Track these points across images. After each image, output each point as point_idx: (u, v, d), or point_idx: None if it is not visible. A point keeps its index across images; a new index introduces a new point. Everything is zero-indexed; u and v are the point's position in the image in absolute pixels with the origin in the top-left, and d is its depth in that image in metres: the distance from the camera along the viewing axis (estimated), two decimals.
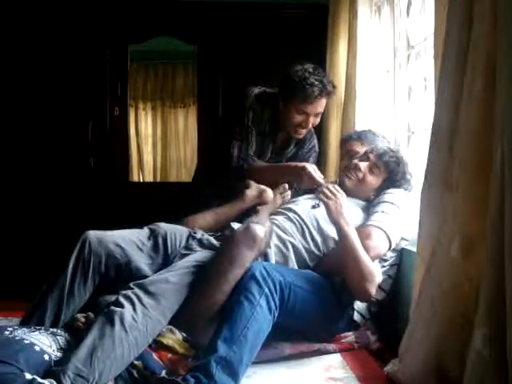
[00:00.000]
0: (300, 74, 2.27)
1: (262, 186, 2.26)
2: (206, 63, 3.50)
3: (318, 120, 2.39)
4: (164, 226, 2.05)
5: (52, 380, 1.36)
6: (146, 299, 1.62)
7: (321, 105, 2.32)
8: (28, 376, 1.35)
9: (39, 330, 1.63)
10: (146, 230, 2.04)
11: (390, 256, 2.08)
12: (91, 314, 1.74)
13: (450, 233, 1.36)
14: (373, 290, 1.88)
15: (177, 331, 1.67)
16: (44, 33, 3.34)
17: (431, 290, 1.44)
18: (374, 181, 2.16)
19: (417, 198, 1.69)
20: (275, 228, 2.03)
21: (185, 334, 1.69)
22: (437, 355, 1.38)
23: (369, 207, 2.13)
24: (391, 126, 2.63)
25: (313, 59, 2.38)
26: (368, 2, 2.62)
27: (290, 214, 2.09)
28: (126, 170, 3.59)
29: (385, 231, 1.97)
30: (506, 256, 1.08)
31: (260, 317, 1.66)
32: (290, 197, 2.31)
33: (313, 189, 2.14)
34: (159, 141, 4.22)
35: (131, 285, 1.67)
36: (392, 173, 2.15)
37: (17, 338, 1.50)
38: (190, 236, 2.06)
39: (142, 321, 1.58)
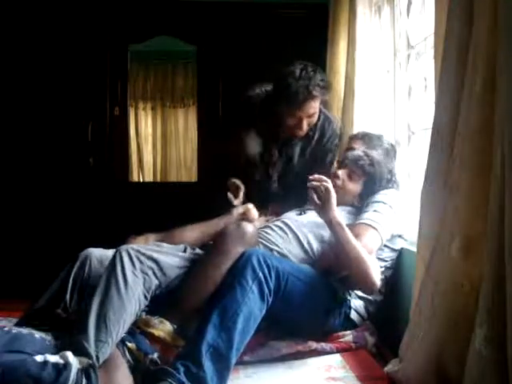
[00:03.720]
0: (284, 81, 2.21)
1: (249, 205, 2.27)
2: (206, 63, 3.50)
3: (313, 119, 2.32)
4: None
5: (64, 353, 1.40)
6: (141, 257, 1.71)
7: (311, 107, 2.25)
8: (39, 358, 1.35)
9: (22, 328, 1.62)
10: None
11: (389, 256, 2.08)
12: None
13: (449, 233, 1.36)
14: (377, 281, 1.87)
15: (168, 323, 1.70)
16: (44, 33, 3.34)
17: (431, 290, 1.44)
18: (354, 186, 2.17)
19: (417, 197, 1.69)
20: (260, 240, 2.02)
21: (176, 326, 1.71)
22: (437, 355, 1.38)
23: (360, 209, 2.12)
24: (391, 126, 2.63)
25: (313, 59, 2.37)
26: (368, 2, 2.61)
27: (275, 224, 2.10)
28: (126, 170, 3.58)
29: (376, 228, 1.96)
30: (506, 256, 1.08)
31: (251, 302, 1.66)
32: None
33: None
34: (159, 141, 4.23)
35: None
36: (369, 175, 2.15)
37: (14, 331, 1.50)
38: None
39: (140, 275, 1.67)
